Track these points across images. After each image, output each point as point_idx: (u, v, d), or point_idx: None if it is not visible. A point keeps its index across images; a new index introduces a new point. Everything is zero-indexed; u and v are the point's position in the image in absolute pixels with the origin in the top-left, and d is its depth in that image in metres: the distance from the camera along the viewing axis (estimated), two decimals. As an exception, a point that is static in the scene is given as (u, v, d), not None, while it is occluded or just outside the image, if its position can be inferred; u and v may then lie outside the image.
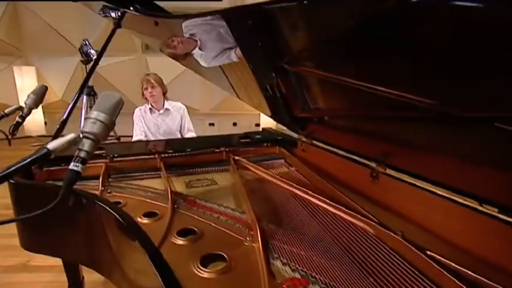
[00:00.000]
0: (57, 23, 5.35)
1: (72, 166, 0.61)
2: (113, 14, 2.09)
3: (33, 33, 5.43)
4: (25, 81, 5.40)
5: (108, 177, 1.50)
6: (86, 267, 1.17)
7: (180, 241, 0.96)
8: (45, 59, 5.54)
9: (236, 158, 1.64)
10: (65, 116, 1.37)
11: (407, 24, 0.83)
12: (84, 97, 4.05)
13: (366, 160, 1.25)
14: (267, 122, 4.13)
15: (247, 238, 0.95)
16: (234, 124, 5.77)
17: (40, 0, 4.93)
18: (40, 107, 5.45)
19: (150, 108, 2.71)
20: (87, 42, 3.44)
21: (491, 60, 0.68)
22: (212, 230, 1.03)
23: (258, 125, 5.32)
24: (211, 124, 5.79)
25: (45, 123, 5.71)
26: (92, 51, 3.55)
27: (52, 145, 0.64)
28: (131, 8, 1.76)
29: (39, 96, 0.93)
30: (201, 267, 0.82)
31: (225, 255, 0.87)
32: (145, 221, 1.10)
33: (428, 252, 0.79)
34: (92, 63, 2.12)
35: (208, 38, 1.80)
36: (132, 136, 2.76)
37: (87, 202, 0.97)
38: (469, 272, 0.73)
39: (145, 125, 2.72)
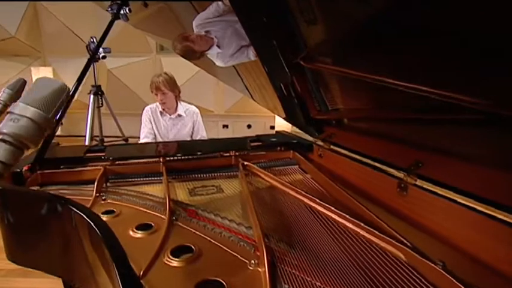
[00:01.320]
0: (73, 24, 5.39)
1: (-22, 180, 0.45)
2: (121, 11, 2.03)
3: (51, 34, 5.49)
4: (42, 82, 5.46)
5: (107, 182, 1.39)
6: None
7: (173, 262, 0.82)
8: (62, 60, 5.58)
9: (246, 163, 1.49)
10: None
11: (448, 7, 0.68)
12: (91, 97, 4.00)
13: (393, 169, 1.09)
14: (282, 124, 3.99)
15: (252, 261, 0.80)
16: (249, 126, 5.65)
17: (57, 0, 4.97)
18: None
19: (161, 112, 2.59)
20: (94, 40, 3.40)
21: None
22: (212, 248, 0.88)
23: (273, 127, 5.19)
24: (225, 126, 5.68)
25: (61, 123, 5.75)
26: (100, 49, 3.52)
27: None
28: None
29: (17, 91, 0.81)
30: (194, 298, 0.68)
31: (224, 283, 0.72)
32: (138, 234, 0.96)
33: (479, 292, 0.63)
34: (91, 54, 2.03)
35: (224, 35, 1.70)
36: (139, 138, 2.67)
37: (62, 209, 0.85)
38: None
39: (154, 125, 2.60)
